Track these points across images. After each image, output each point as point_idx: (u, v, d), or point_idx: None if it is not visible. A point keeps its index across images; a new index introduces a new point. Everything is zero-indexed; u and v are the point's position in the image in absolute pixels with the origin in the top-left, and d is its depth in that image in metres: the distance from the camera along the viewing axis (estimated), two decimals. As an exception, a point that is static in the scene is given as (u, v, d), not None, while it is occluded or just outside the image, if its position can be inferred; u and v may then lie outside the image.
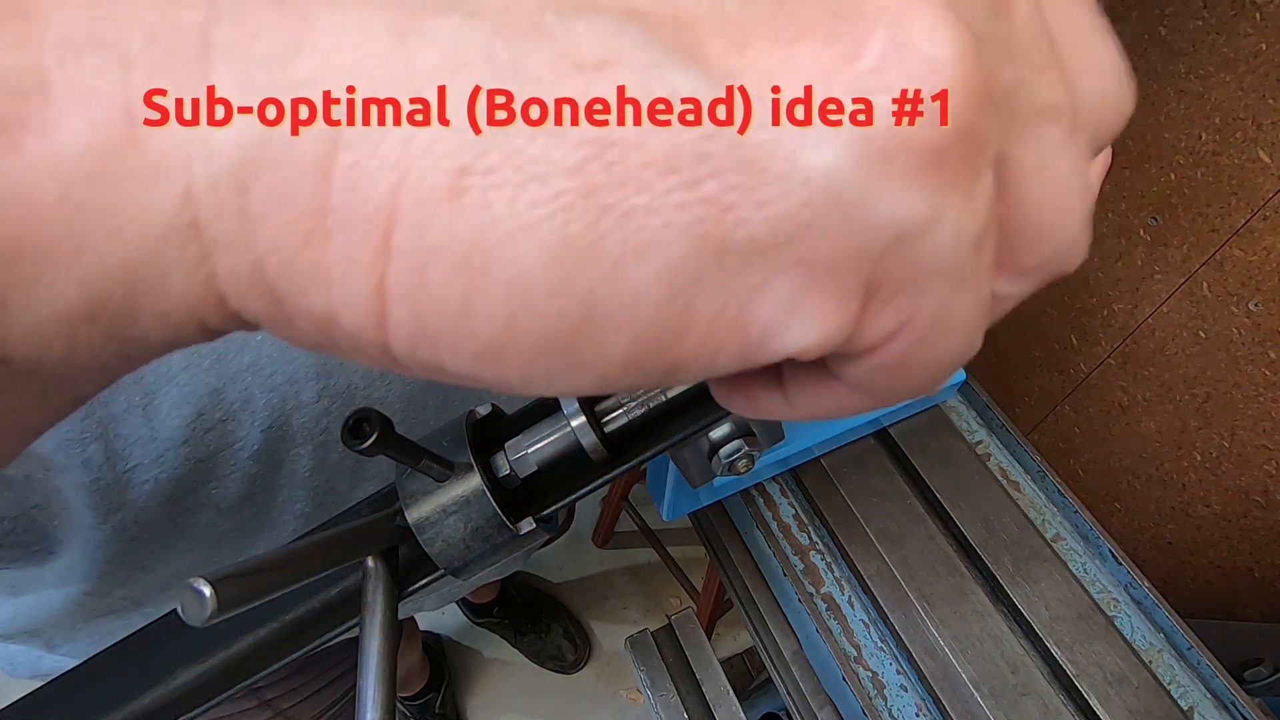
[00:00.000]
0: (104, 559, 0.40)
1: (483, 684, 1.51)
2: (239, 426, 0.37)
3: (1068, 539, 0.58)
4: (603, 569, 1.63)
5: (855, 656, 0.52)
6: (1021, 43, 0.12)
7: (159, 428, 0.35)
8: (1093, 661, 0.50)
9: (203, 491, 0.39)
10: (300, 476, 0.42)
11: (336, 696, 0.72)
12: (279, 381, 0.37)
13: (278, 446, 0.40)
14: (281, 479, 0.42)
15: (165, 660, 0.29)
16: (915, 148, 0.10)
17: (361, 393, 0.41)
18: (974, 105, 0.11)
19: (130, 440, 0.34)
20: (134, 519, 0.38)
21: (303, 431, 0.40)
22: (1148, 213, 0.92)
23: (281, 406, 0.38)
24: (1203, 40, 0.81)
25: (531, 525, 0.27)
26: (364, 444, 0.21)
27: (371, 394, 0.41)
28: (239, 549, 0.44)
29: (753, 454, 0.31)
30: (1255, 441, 0.88)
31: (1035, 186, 0.12)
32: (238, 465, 0.39)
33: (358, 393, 0.40)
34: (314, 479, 0.43)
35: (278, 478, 0.41)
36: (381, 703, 0.23)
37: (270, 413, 0.38)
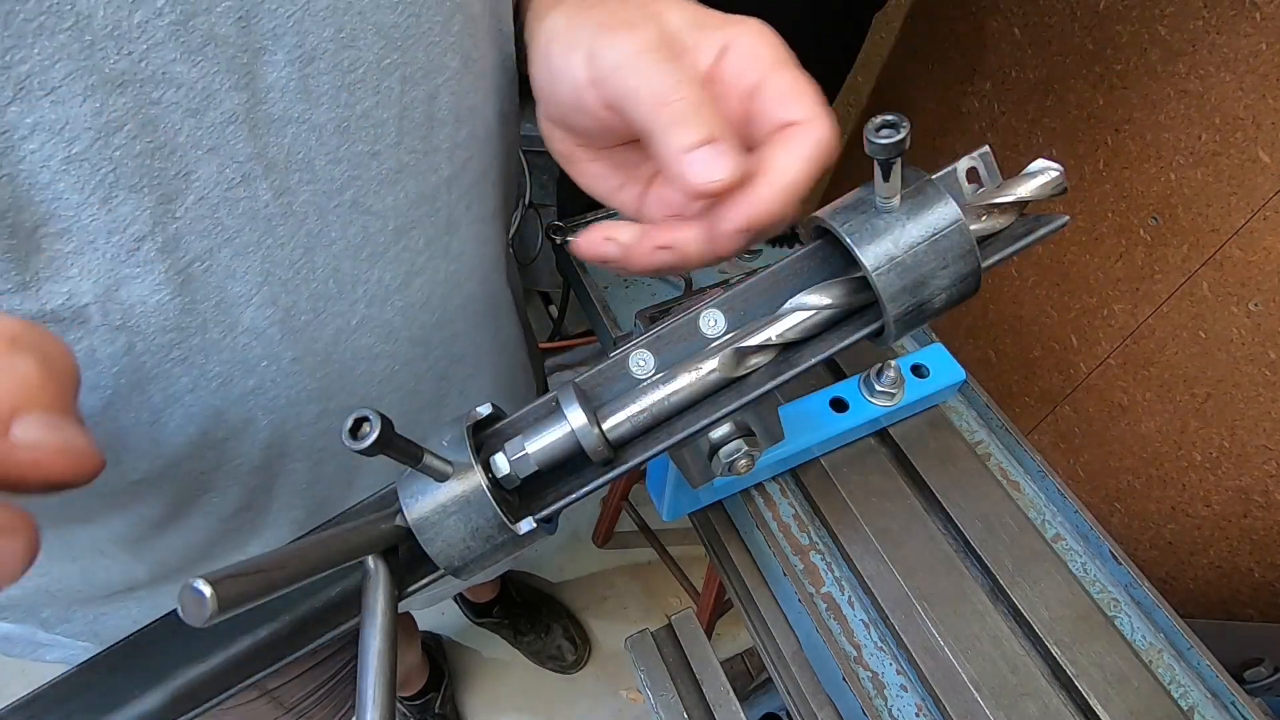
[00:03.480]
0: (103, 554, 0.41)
1: (483, 684, 1.51)
2: (240, 444, 0.38)
3: (1068, 539, 0.58)
4: (603, 569, 1.63)
5: (855, 656, 0.53)
6: None
7: (164, 444, 0.35)
8: (1093, 661, 0.50)
9: (203, 500, 0.40)
10: (297, 488, 0.43)
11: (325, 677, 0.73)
12: (281, 404, 0.37)
13: (276, 462, 0.40)
14: (278, 489, 0.42)
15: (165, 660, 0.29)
16: None
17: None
18: None
19: (137, 454, 0.35)
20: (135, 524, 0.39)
21: (301, 448, 0.40)
22: (1148, 213, 0.92)
23: (282, 426, 0.38)
24: (1203, 40, 0.81)
25: (531, 525, 0.27)
26: (364, 444, 0.21)
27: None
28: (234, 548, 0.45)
29: (753, 454, 0.31)
30: (1255, 441, 0.88)
31: None
32: (238, 479, 0.39)
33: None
34: (310, 490, 0.44)
35: (274, 488, 0.42)
36: (381, 702, 0.23)
37: (271, 432, 0.38)
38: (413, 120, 0.35)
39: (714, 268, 0.77)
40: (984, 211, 0.27)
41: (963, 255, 0.25)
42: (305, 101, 0.30)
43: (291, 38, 0.28)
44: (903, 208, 0.25)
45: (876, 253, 0.25)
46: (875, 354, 0.64)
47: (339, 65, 0.30)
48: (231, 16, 0.27)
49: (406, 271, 0.38)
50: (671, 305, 0.69)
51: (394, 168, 0.35)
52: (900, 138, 0.22)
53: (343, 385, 0.39)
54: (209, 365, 0.34)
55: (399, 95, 0.33)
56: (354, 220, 0.35)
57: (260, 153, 0.30)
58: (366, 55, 0.31)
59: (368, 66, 0.31)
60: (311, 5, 0.29)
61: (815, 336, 0.28)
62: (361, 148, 0.33)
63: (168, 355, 0.32)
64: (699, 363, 0.28)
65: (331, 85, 0.31)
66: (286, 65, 0.29)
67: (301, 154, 0.31)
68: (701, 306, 0.29)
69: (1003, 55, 1.08)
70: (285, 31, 0.28)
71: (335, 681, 0.75)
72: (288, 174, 0.31)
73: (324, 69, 0.30)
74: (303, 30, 0.29)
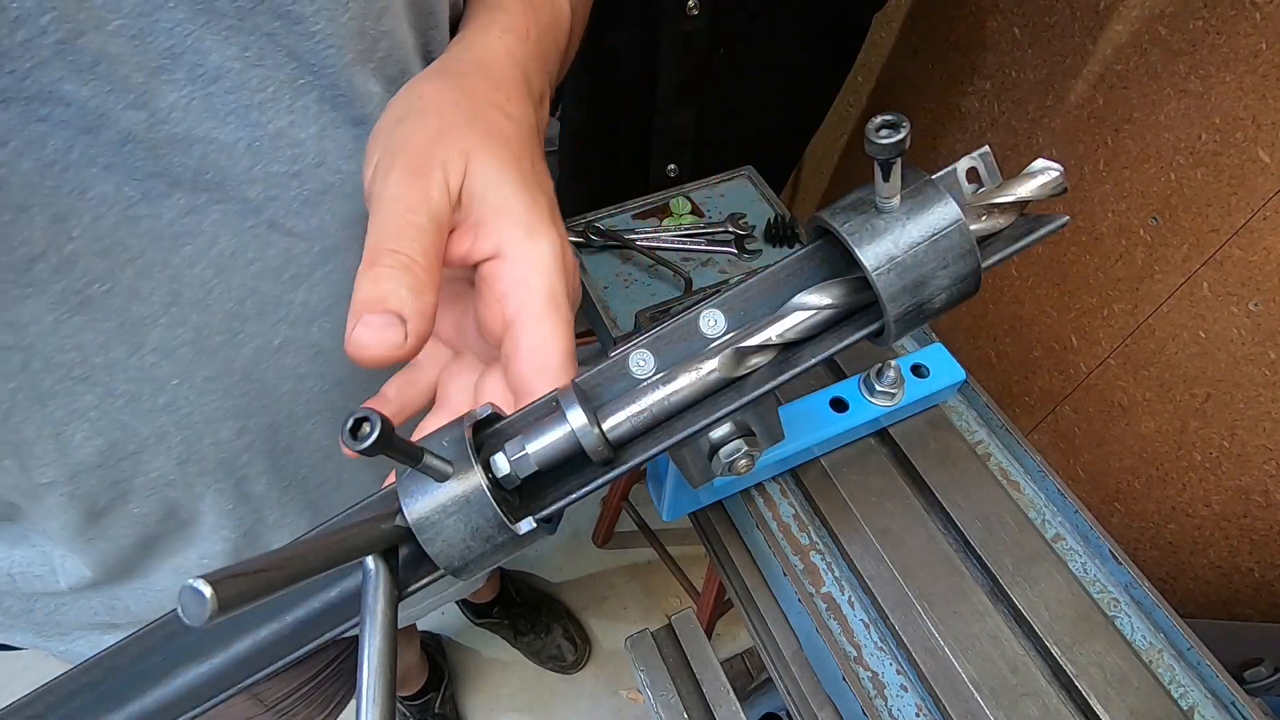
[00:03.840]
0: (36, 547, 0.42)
1: (483, 684, 1.51)
2: (154, 458, 0.37)
3: (1068, 539, 0.58)
4: (603, 569, 1.63)
5: (855, 656, 0.53)
6: None
7: (71, 454, 0.35)
8: (1093, 661, 0.50)
9: (124, 508, 0.39)
10: (223, 508, 0.42)
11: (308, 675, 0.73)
12: (196, 421, 0.37)
13: (197, 478, 0.40)
14: (203, 504, 0.42)
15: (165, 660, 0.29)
16: None
17: (284, 430, 0.41)
18: None
19: (43, 460, 0.35)
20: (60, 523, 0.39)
21: (222, 465, 0.40)
22: (1148, 213, 0.92)
23: (198, 442, 0.38)
24: (1203, 40, 0.81)
25: (531, 525, 0.27)
26: (364, 444, 0.21)
27: (296, 431, 0.41)
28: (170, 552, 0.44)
29: (753, 454, 0.31)
30: (1255, 441, 0.88)
31: None
32: (156, 489, 0.39)
33: (280, 430, 0.41)
34: (239, 509, 0.43)
35: (199, 503, 0.42)
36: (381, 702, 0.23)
37: (186, 447, 0.38)
38: (335, 141, 0.34)
39: (714, 268, 0.77)
40: (984, 211, 0.27)
41: (963, 255, 0.25)
42: (210, 120, 0.29)
43: (191, 56, 0.28)
44: (903, 208, 0.25)
45: (876, 253, 0.25)
46: (875, 354, 0.64)
47: (246, 84, 0.30)
48: (124, 35, 0.26)
49: (335, 293, 0.37)
50: (671, 305, 0.69)
51: (317, 188, 0.34)
52: (900, 138, 0.22)
53: (265, 404, 0.39)
54: (114, 383, 0.33)
55: (316, 115, 0.32)
56: (274, 241, 0.34)
57: (163, 171, 0.29)
58: (277, 75, 0.30)
59: (279, 86, 0.31)
60: (212, 25, 0.28)
61: (815, 336, 0.28)
62: (278, 168, 0.32)
63: (69, 374, 0.32)
64: (699, 363, 0.28)
65: (238, 104, 0.30)
66: (187, 84, 0.28)
67: (210, 174, 0.31)
68: (701, 306, 0.29)
69: (1003, 55, 1.08)
70: (184, 51, 0.28)
71: (318, 680, 0.75)
72: (195, 193, 0.31)
73: (229, 88, 0.29)
74: (203, 49, 0.28)
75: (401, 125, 0.30)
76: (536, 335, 0.29)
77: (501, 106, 0.33)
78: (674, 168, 1.03)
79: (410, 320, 0.26)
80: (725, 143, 1.03)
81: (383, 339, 0.26)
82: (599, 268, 0.76)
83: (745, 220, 0.79)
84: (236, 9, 0.28)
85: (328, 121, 0.33)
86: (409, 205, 0.28)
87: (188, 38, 0.28)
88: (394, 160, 0.29)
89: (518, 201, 0.29)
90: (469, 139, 0.30)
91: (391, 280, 0.26)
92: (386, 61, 0.35)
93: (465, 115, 0.31)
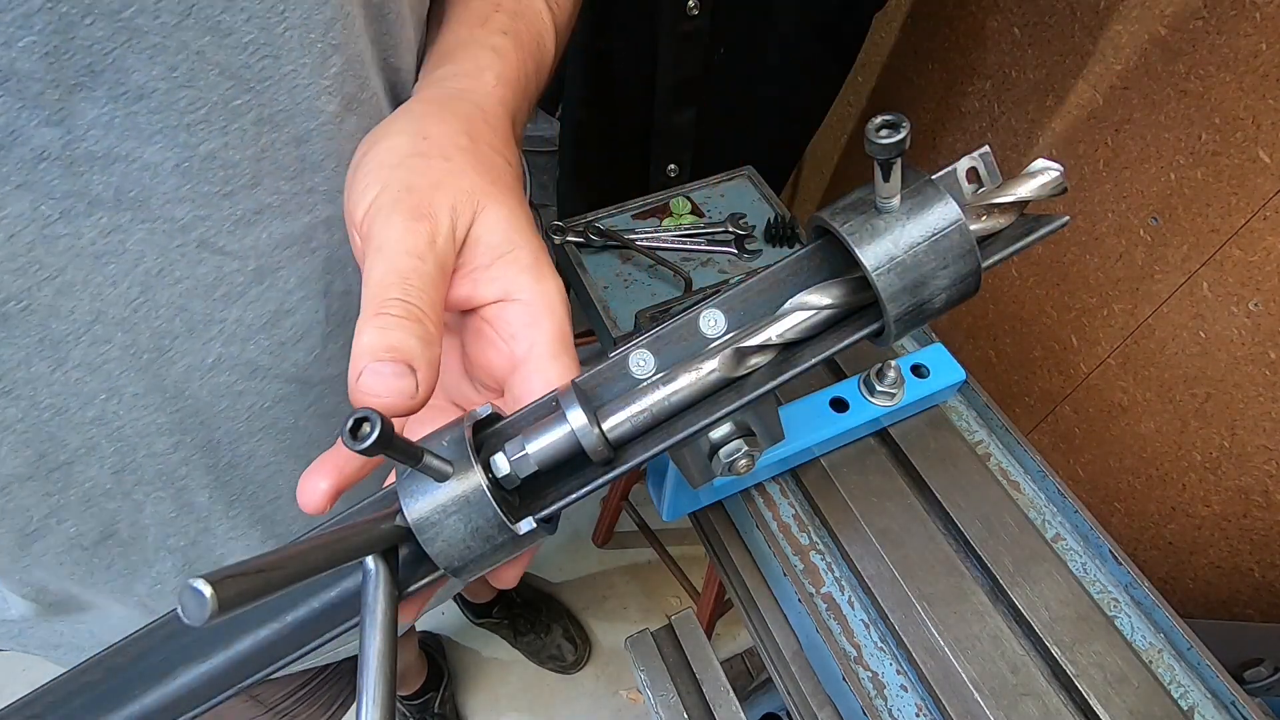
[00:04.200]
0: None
1: (482, 684, 1.51)
2: (87, 468, 0.37)
3: (1068, 539, 0.58)
4: (603, 569, 1.63)
5: (855, 656, 0.52)
6: None
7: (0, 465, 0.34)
8: (1093, 661, 0.50)
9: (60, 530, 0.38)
10: (166, 516, 0.41)
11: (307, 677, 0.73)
12: (128, 434, 0.36)
13: (133, 488, 0.39)
14: (145, 518, 0.41)
15: (165, 660, 0.29)
16: None
17: (225, 446, 0.40)
18: None
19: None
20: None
21: (161, 477, 0.39)
22: (1148, 213, 0.92)
23: (132, 454, 0.37)
24: (1203, 40, 0.81)
25: (531, 525, 0.27)
26: (364, 444, 0.21)
27: (238, 447, 0.41)
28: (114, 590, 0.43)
29: (753, 454, 0.31)
30: (1255, 441, 0.88)
31: None
32: (93, 502, 0.38)
33: (220, 446, 0.40)
34: (181, 519, 0.42)
35: (140, 517, 0.41)
36: (381, 702, 0.23)
37: (120, 458, 0.37)
38: (275, 163, 0.33)
39: (714, 268, 0.77)
40: (984, 211, 0.27)
41: (963, 255, 0.25)
42: (134, 139, 0.29)
43: (112, 74, 0.27)
44: (903, 208, 0.25)
45: (876, 253, 0.25)
46: (875, 354, 0.64)
47: (174, 105, 0.29)
48: (36, 53, 0.25)
49: (273, 311, 0.37)
50: (671, 305, 0.69)
51: (253, 208, 0.33)
52: (900, 138, 0.22)
53: (201, 420, 0.38)
54: (39, 397, 0.33)
55: (254, 137, 0.32)
56: (204, 260, 0.33)
57: (82, 190, 0.29)
58: (209, 96, 0.29)
59: (211, 107, 0.30)
60: (135, 42, 0.27)
61: (815, 336, 0.28)
62: (209, 188, 0.31)
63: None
64: (699, 363, 0.28)
65: (165, 124, 0.29)
66: (108, 102, 0.27)
67: (134, 192, 0.30)
68: (701, 306, 0.29)
69: (1003, 55, 1.08)
70: (104, 68, 0.27)
71: (316, 681, 0.74)
72: (117, 212, 0.30)
73: (155, 107, 0.28)
74: (125, 68, 0.27)
75: (403, 164, 0.30)
76: (552, 372, 0.29)
77: (501, 152, 0.34)
78: (674, 168, 1.03)
79: (420, 370, 0.26)
80: (725, 143, 1.03)
81: (394, 387, 0.26)
82: (599, 268, 0.76)
83: (745, 220, 0.79)
84: (160, 25, 0.27)
85: (267, 143, 0.32)
86: (415, 250, 0.28)
87: (107, 55, 0.27)
88: (396, 199, 0.29)
89: (526, 247, 0.30)
90: (478, 185, 0.30)
91: (401, 329, 0.26)
92: (343, 77, 0.33)
93: (473, 161, 0.31)
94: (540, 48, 0.42)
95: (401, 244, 0.28)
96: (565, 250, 0.77)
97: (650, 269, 0.76)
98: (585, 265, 0.76)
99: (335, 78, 0.33)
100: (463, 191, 0.30)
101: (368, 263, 0.28)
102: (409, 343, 0.26)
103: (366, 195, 0.30)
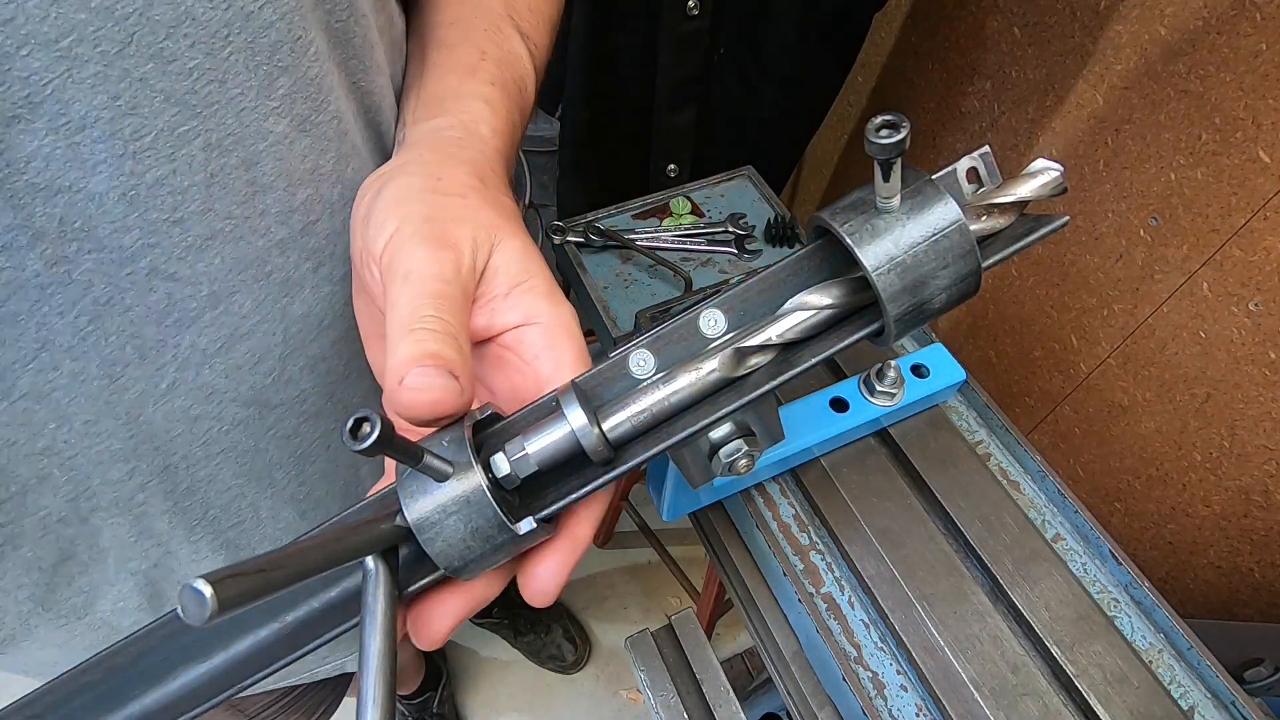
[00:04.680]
0: None
1: (482, 684, 1.51)
2: (40, 497, 0.36)
3: (1068, 539, 0.58)
4: (603, 569, 1.63)
5: (855, 656, 0.52)
6: None
7: None
8: (1093, 661, 0.50)
9: (17, 555, 0.38)
10: (125, 540, 0.41)
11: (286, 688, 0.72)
12: (80, 463, 0.36)
13: (90, 514, 0.39)
14: (104, 542, 0.40)
15: (165, 661, 0.29)
16: None
17: (183, 470, 0.40)
18: None
19: None
20: None
21: (117, 503, 0.39)
22: (1148, 213, 0.92)
23: (86, 482, 0.37)
24: (1203, 40, 0.81)
25: (532, 525, 0.27)
26: (364, 444, 0.21)
27: (196, 472, 0.40)
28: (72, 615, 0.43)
29: (753, 454, 0.31)
30: (1255, 441, 0.88)
31: None
32: (49, 529, 0.38)
33: (177, 471, 0.40)
34: (141, 544, 0.42)
35: (99, 541, 0.40)
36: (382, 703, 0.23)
37: (74, 486, 0.37)
38: (225, 187, 0.33)
39: (714, 268, 0.77)
40: (984, 211, 0.27)
41: (963, 255, 0.25)
42: (78, 170, 0.28)
43: (52, 105, 0.27)
44: (903, 208, 0.25)
45: (876, 253, 0.25)
46: (875, 354, 0.64)
47: (118, 134, 0.28)
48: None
49: (229, 335, 0.36)
50: (671, 305, 0.69)
51: (204, 234, 0.33)
52: (900, 138, 0.22)
53: (156, 446, 0.38)
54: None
55: (204, 163, 0.31)
56: (155, 286, 0.33)
57: (24, 223, 0.28)
58: (155, 123, 0.29)
59: (157, 134, 0.29)
60: (75, 73, 0.27)
61: (815, 336, 0.28)
62: (158, 215, 0.31)
63: None
64: (699, 363, 0.28)
65: (110, 154, 0.29)
66: (49, 134, 0.27)
67: (79, 223, 0.29)
68: (701, 306, 0.29)
69: (1003, 55, 1.08)
70: (43, 99, 0.26)
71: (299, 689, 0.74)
72: (62, 243, 0.30)
73: (98, 137, 0.28)
74: (65, 99, 0.27)
75: (421, 200, 0.31)
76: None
77: (505, 192, 0.35)
78: (674, 168, 1.03)
79: (461, 376, 0.27)
80: (725, 143, 1.03)
81: (440, 383, 0.26)
82: (599, 268, 0.76)
83: (745, 220, 0.79)
84: (100, 54, 0.27)
85: (216, 168, 0.32)
86: (442, 276, 0.29)
87: (46, 86, 0.26)
88: (418, 230, 0.30)
89: (540, 276, 0.32)
90: (494, 220, 0.32)
91: (437, 341, 0.27)
92: (292, 99, 0.33)
93: (488, 199, 0.33)
94: (523, 94, 0.42)
95: (428, 270, 0.29)
96: (565, 250, 0.77)
97: (650, 269, 0.76)
98: (585, 265, 0.76)
99: (283, 99, 0.33)
100: (481, 225, 0.31)
101: (393, 290, 0.29)
102: (447, 352, 0.27)
103: (385, 229, 0.31)
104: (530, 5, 0.46)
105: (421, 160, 0.34)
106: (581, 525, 0.30)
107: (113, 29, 0.27)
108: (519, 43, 0.43)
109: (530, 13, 0.45)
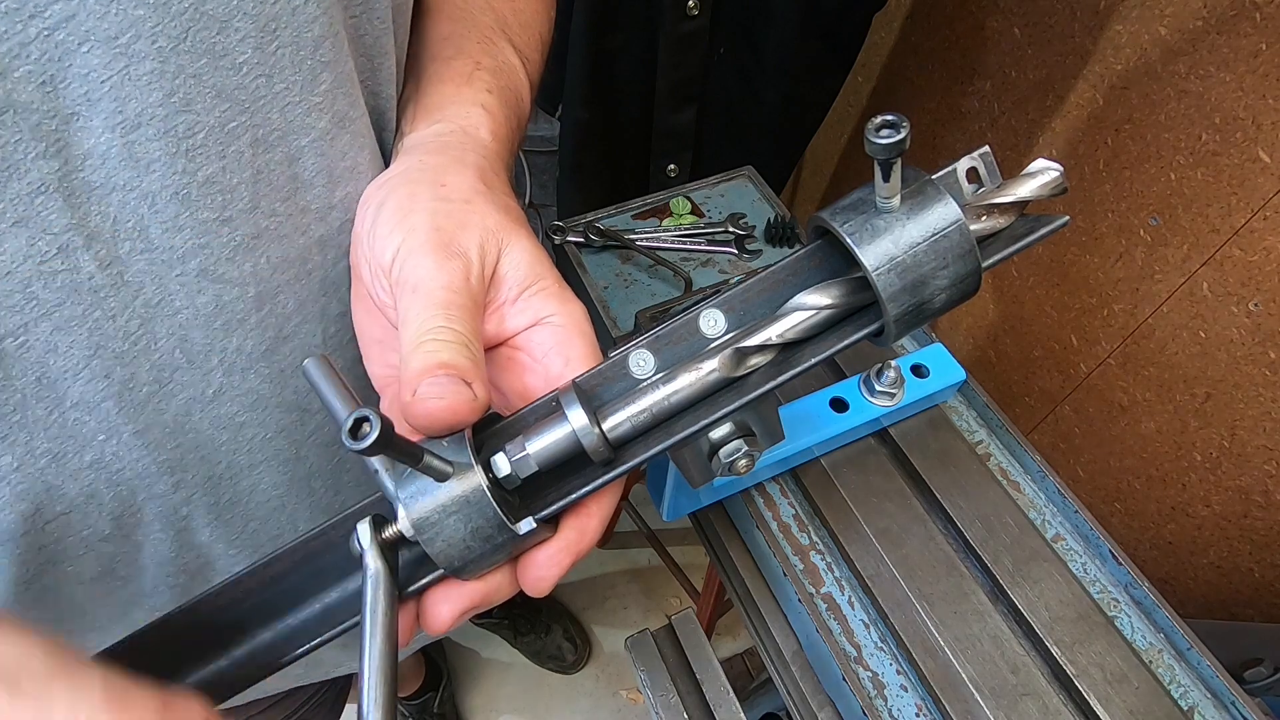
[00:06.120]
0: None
1: (482, 684, 1.51)
2: (85, 517, 0.36)
3: (1068, 539, 0.58)
4: (603, 569, 1.63)
5: (855, 656, 0.52)
6: None
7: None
8: (1093, 661, 0.50)
9: (56, 570, 0.38)
10: (165, 556, 0.41)
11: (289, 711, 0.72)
12: (127, 477, 0.36)
13: (133, 530, 0.38)
14: (144, 558, 0.40)
15: (166, 660, 0.29)
16: None
17: (226, 482, 0.40)
18: None
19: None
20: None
21: (160, 518, 0.39)
22: (1148, 213, 0.92)
23: (131, 498, 0.37)
24: (1203, 40, 0.81)
25: (532, 525, 0.27)
26: (364, 444, 0.21)
27: (239, 483, 0.40)
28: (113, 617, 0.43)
29: (753, 454, 0.31)
30: (1255, 441, 0.88)
31: None
32: (91, 547, 0.37)
33: (221, 483, 0.39)
34: (182, 557, 0.42)
35: (140, 557, 0.40)
36: (382, 702, 0.23)
37: (120, 504, 0.36)
38: (270, 184, 0.33)
39: (714, 268, 0.77)
40: (984, 211, 0.27)
41: (963, 255, 0.25)
42: (131, 169, 0.28)
43: (109, 103, 0.27)
44: (903, 208, 0.25)
45: (876, 253, 0.25)
46: (875, 354, 0.64)
47: (172, 131, 0.28)
48: (33, 82, 0.25)
49: (273, 337, 0.36)
50: (671, 305, 0.69)
51: (250, 233, 0.33)
52: (900, 138, 0.22)
53: (202, 455, 0.37)
54: (34, 442, 0.32)
55: (250, 159, 0.31)
56: (204, 289, 0.33)
57: (80, 223, 0.28)
58: (206, 120, 0.29)
59: (209, 131, 0.29)
60: (132, 70, 0.27)
61: (815, 336, 0.28)
62: (208, 214, 0.31)
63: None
64: (699, 363, 0.28)
65: (164, 152, 0.29)
66: (105, 132, 0.27)
67: (131, 223, 0.29)
68: (701, 306, 0.29)
69: (1003, 55, 1.08)
70: (100, 97, 0.26)
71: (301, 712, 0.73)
72: (116, 244, 0.29)
73: (153, 135, 0.28)
74: (122, 96, 0.27)
75: (427, 208, 0.31)
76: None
77: (509, 194, 0.35)
78: (674, 168, 1.03)
79: (475, 385, 0.27)
80: (725, 143, 1.03)
81: (454, 391, 0.26)
82: (599, 268, 0.76)
83: (745, 220, 0.79)
84: (157, 50, 0.27)
85: (262, 164, 0.32)
86: (451, 286, 0.29)
87: (104, 83, 0.26)
88: (425, 240, 0.30)
89: (550, 277, 0.32)
90: (501, 223, 0.32)
91: (449, 350, 0.27)
92: (333, 94, 0.33)
93: (493, 204, 0.33)
94: (519, 103, 0.42)
95: (437, 280, 0.29)
96: (565, 250, 0.77)
97: (650, 269, 0.76)
98: (585, 265, 0.76)
99: (325, 94, 0.33)
100: (488, 230, 0.31)
101: (403, 302, 0.29)
102: (460, 360, 0.27)
103: (393, 240, 0.31)
104: (522, 22, 0.46)
105: (424, 165, 0.34)
106: (590, 520, 0.30)
107: (170, 25, 0.27)
108: (513, 55, 0.44)
109: (522, 29, 0.46)
